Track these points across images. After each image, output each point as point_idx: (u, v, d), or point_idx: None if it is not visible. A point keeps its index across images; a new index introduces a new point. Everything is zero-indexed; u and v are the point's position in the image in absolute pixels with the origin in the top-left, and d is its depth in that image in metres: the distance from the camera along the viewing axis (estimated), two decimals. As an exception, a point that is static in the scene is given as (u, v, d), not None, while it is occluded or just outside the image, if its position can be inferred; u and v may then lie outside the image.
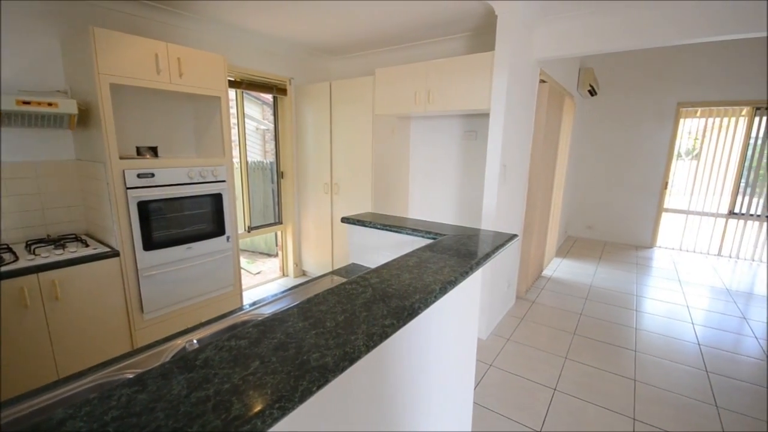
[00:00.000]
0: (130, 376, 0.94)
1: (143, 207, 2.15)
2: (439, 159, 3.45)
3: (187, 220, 2.39)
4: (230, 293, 2.72)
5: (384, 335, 0.74)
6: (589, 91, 4.52)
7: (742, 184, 4.69)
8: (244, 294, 3.35)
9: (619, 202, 5.35)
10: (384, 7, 2.49)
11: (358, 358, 0.67)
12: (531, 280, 3.64)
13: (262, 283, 3.81)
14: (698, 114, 4.86)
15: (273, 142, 3.77)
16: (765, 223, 4.61)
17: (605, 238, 5.51)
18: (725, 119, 4.70)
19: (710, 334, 2.82)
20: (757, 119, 4.47)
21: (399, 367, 1.01)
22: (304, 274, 3.99)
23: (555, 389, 2.15)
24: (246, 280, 3.95)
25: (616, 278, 3.95)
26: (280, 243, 3.97)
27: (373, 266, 1.39)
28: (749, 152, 4.58)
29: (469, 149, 3.25)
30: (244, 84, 3.23)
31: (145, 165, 2.16)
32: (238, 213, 2.79)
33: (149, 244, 2.20)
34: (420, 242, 1.61)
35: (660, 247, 5.23)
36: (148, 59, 2.09)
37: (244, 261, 4.54)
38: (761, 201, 4.61)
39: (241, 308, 1.34)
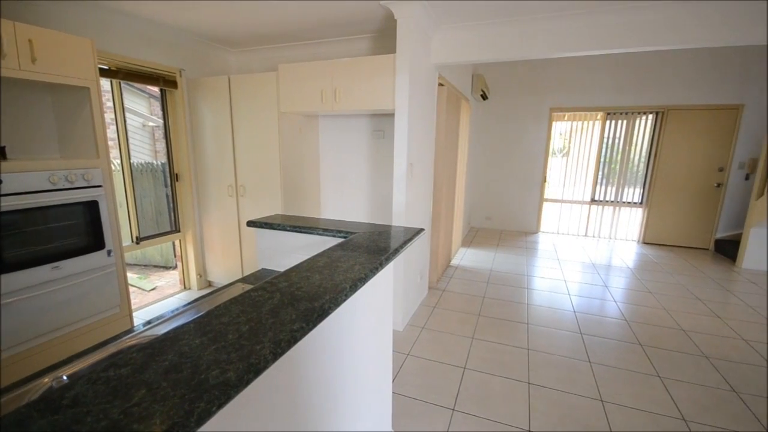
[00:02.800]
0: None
1: (-14, 221, 1.73)
2: (349, 158, 3.47)
3: (51, 234, 2.00)
4: (116, 316, 2.35)
5: (293, 340, 0.71)
6: (481, 95, 5.00)
7: (600, 176, 5.69)
8: (136, 314, 2.95)
9: (511, 195, 6.04)
10: (281, 2, 2.40)
11: (265, 368, 0.63)
12: (441, 270, 3.89)
13: (159, 300, 3.38)
14: (566, 118, 5.75)
15: (164, 141, 3.36)
16: (616, 207, 5.67)
17: (501, 227, 6.17)
18: (586, 122, 5.64)
19: (582, 302, 3.36)
20: (608, 123, 5.46)
21: (314, 368, 0.99)
22: (210, 285, 3.66)
23: (465, 368, 2.33)
24: (138, 298, 3.47)
25: (510, 262, 4.46)
26: (179, 253, 3.57)
27: (284, 270, 1.33)
28: (603, 150, 5.58)
29: (378, 148, 3.33)
30: (122, 73, 2.81)
31: (-15, 169, 1.74)
32: (122, 222, 2.43)
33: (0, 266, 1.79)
34: (332, 242, 1.60)
35: (543, 232, 6.05)
36: (-17, 38, 1.68)
37: (133, 277, 3.98)
38: (613, 189, 5.66)
39: (130, 331, 1.17)
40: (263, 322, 0.74)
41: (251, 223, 1.76)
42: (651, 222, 5.41)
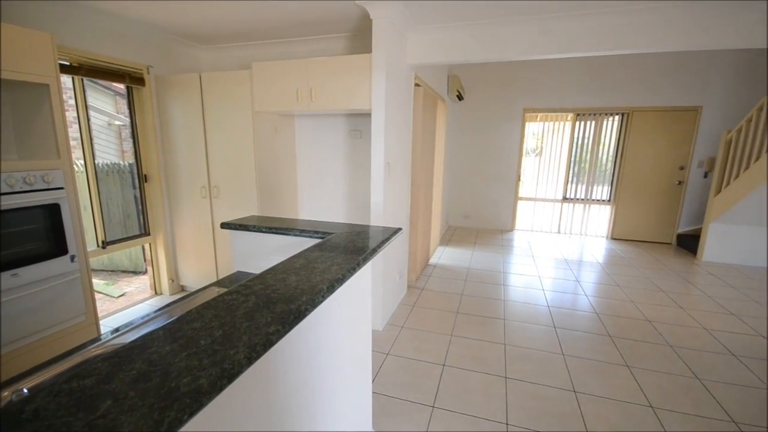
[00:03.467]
0: None
1: (-68, 227, 1.61)
2: (326, 158, 3.44)
3: (9, 240, 1.88)
4: (81, 324, 2.24)
5: (269, 344, 0.69)
6: (457, 95, 5.07)
7: (571, 175, 5.89)
8: (104, 322, 2.83)
9: (487, 194, 6.16)
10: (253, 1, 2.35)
11: (239, 373, 0.62)
12: (420, 269, 3.92)
13: (129, 306, 3.25)
14: (538, 118, 5.92)
15: (132, 141, 3.23)
16: (587, 205, 5.89)
17: (478, 225, 6.29)
18: (557, 123, 5.82)
19: (556, 297, 3.47)
20: (578, 123, 5.66)
21: (292, 371, 0.97)
22: (182, 289, 3.54)
23: (444, 365, 2.36)
24: (105, 305, 3.32)
25: (487, 259, 4.55)
26: (149, 257, 3.44)
27: (260, 272, 1.30)
28: (574, 150, 5.78)
29: (356, 148, 3.32)
30: (85, 70, 2.68)
31: (-70, 171, 1.62)
32: (86, 226, 2.32)
33: (-53, 276, 1.66)
34: (310, 243, 1.58)
35: (518, 229, 6.21)
36: (-74, 29, 1.56)
37: (100, 283, 3.80)
38: (584, 187, 5.87)
39: (96, 340, 1.11)
40: (237, 326, 0.73)
41: (225, 225, 1.72)
42: (618, 219, 5.65)
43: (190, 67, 3.47)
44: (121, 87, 3.35)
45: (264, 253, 1.70)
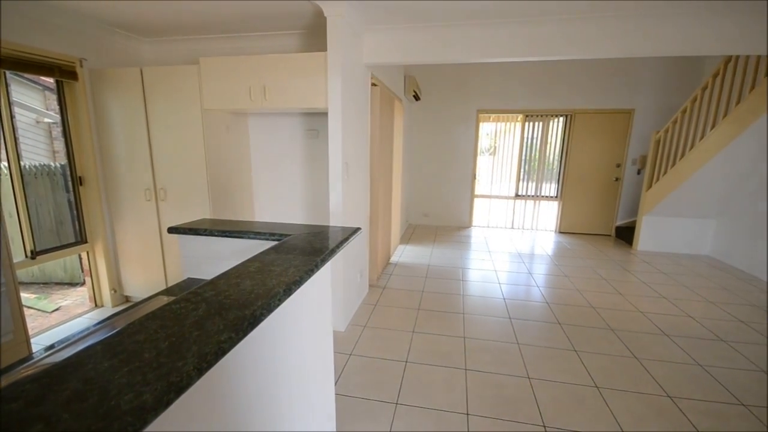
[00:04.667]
0: None
1: None
2: (282, 158, 3.35)
3: None
4: (9, 344, 2.02)
5: (221, 352, 0.66)
6: (414, 96, 5.15)
7: (522, 173, 6.20)
8: (35, 340, 2.56)
9: (445, 192, 6.32)
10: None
11: (189, 385, 0.59)
12: (381, 268, 3.94)
13: (65, 322, 2.97)
14: (491, 119, 6.16)
15: (64, 140, 2.94)
16: (537, 201, 6.23)
17: (437, 223, 6.43)
18: (509, 124, 6.10)
19: (510, 289, 3.64)
20: (527, 124, 5.96)
21: (249, 378, 0.94)
22: (127, 300, 3.29)
23: (406, 362, 2.39)
24: (38, 321, 3.02)
25: (447, 256, 4.67)
26: (86, 267, 3.16)
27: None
28: (524, 149, 6.08)
29: (313, 147, 3.27)
30: (7, 62, 2.41)
31: None
32: (12, 235, 2.08)
33: None
34: (266, 246, 1.53)
35: (475, 226, 6.43)
36: None
37: (30, 297, 3.44)
38: (534, 185, 6.20)
39: (28, 359, 1.00)
40: (186, 336, 0.69)
41: (173, 230, 1.62)
42: (565, 213, 6.03)
43: (129, 60, 3.23)
44: (50, 81, 3.05)
45: (217, 259, 1.62)
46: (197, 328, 0.71)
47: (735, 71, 3.80)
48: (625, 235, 5.49)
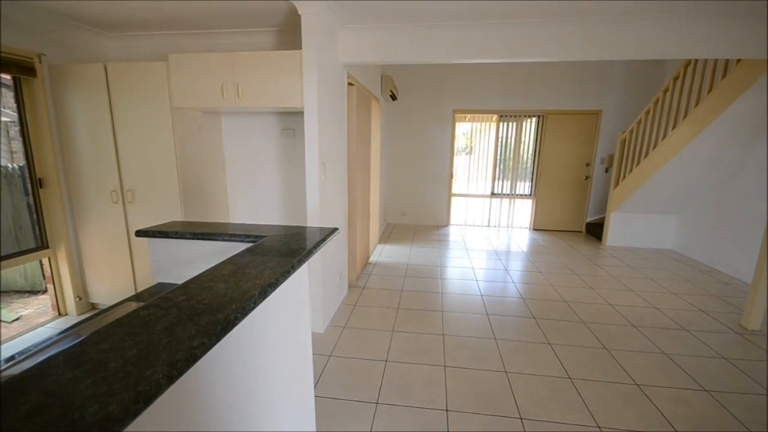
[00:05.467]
0: None
1: None
2: (258, 158, 3.29)
3: None
4: (-40, 358, 1.88)
5: (193, 359, 0.64)
6: (391, 95, 5.16)
7: (498, 172, 6.33)
8: (-9, 353, 2.40)
9: (422, 191, 6.37)
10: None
11: (158, 393, 0.56)
12: (360, 268, 3.93)
13: (26, 331, 2.80)
14: (467, 119, 6.27)
15: (22, 139, 2.78)
16: (512, 199, 6.38)
17: (416, 221, 6.48)
18: (484, 124, 6.22)
19: (487, 286, 3.71)
20: (501, 125, 6.10)
21: (225, 384, 0.91)
22: (93, 308, 3.14)
23: (386, 361, 2.40)
24: (-7, 333, 2.82)
25: (425, 255, 4.71)
26: (48, 274, 2.99)
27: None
28: (499, 149, 6.22)
29: (289, 147, 3.22)
30: (-46, 56, 2.25)
31: None
32: (-38, 241, 1.94)
33: None
34: (241, 248, 1.49)
35: (453, 224, 6.52)
36: None
37: (-14, 307, 3.22)
38: (509, 183, 6.35)
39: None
40: (155, 343, 0.66)
41: (141, 233, 1.56)
42: (538, 211, 6.20)
43: (93, 56, 3.08)
44: (6, 78, 2.86)
45: (189, 262, 1.57)
46: (167, 335, 0.69)
47: (694, 74, 4.02)
48: (595, 231, 5.71)
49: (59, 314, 3.04)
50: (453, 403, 2.01)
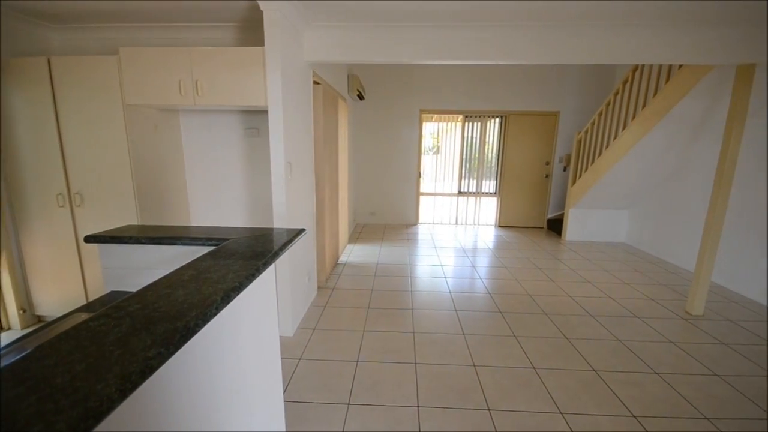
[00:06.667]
0: None
1: None
2: (221, 158, 3.17)
3: None
4: None
5: (149, 370, 0.61)
6: (358, 95, 5.14)
7: (464, 171, 6.48)
8: None
9: (391, 190, 6.40)
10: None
11: (111, 408, 0.53)
12: (329, 269, 3.89)
13: (-43, 351, 2.53)
14: (434, 119, 6.36)
15: (-52, 139, 2.52)
16: (478, 198, 6.56)
17: (385, 221, 6.50)
18: (450, 124, 6.35)
19: (456, 282, 3.79)
20: (467, 125, 6.24)
21: (187, 393, 0.87)
22: (40, 320, 2.91)
23: (357, 361, 2.39)
24: None
25: (395, 253, 4.74)
26: (-14, 285, 2.73)
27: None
28: (465, 148, 6.37)
29: (254, 147, 3.13)
30: None
31: None
32: None
33: None
34: (203, 252, 1.43)
35: (422, 223, 6.60)
36: None
37: None
38: (475, 182, 6.52)
39: None
40: (107, 355, 0.62)
41: (91, 239, 1.46)
42: (503, 208, 6.42)
43: (35, 49, 2.84)
44: (-74, 69, 2.58)
45: (146, 269, 1.49)
46: (120, 346, 0.65)
47: (641, 78, 4.30)
48: (555, 226, 5.99)
49: (1, 328, 2.78)
50: (424, 399, 2.03)
